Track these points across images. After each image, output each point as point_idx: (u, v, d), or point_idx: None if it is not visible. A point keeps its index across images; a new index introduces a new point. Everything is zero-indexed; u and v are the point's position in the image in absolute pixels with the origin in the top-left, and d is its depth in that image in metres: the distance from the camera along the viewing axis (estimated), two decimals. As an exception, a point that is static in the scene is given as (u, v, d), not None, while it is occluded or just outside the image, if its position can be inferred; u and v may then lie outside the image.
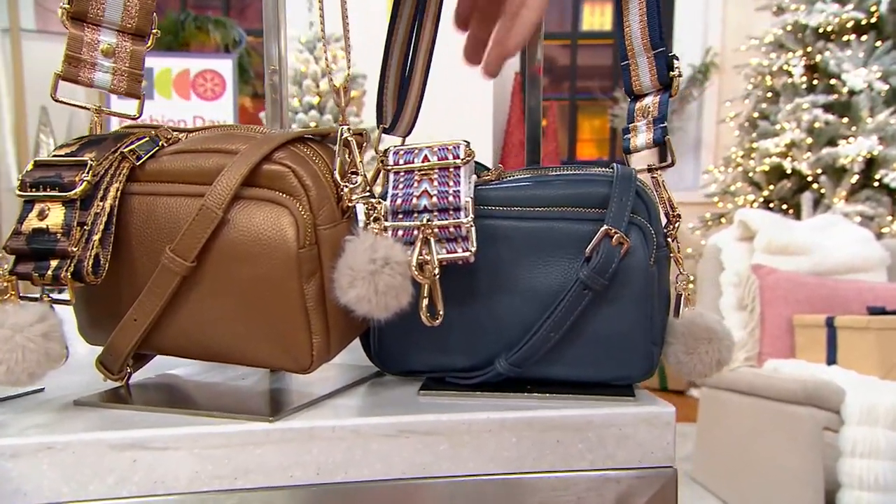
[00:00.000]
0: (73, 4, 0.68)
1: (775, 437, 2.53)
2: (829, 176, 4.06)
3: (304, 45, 3.91)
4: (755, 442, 2.61)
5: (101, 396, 0.65)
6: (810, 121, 4.04)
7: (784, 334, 2.79)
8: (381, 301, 0.59)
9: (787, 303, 2.82)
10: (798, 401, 2.45)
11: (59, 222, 0.60)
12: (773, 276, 2.85)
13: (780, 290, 2.83)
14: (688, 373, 0.70)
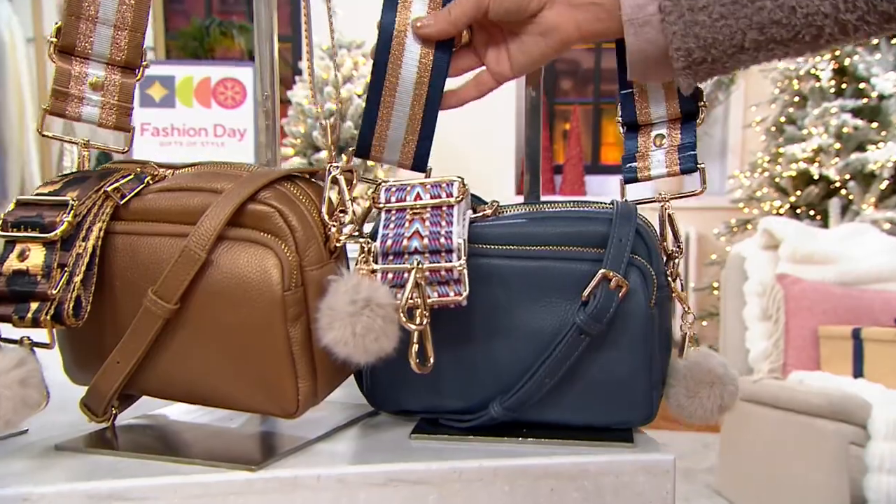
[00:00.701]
0: (61, 38, 0.67)
1: (800, 451, 2.48)
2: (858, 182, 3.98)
3: (325, 52, 3.90)
4: (780, 455, 2.57)
5: (84, 440, 0.63)
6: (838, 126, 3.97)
7: (809, 346, 2.74)
8: (359, 344, 0.57)
9: (812, 313, 2.76)
10: (823, 415, 2.40)
11: (39, 264, 0.59)
12: (798, 285, 2.80)
13: (805, 301, 2.77)
14: (688, 416, 0.67)
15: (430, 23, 0.66)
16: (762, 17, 0.58)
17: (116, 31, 0.68)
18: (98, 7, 0.67)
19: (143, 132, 3.39)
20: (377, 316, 0.57)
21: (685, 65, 0.60)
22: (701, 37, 0.59)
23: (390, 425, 0.69)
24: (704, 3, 0.58)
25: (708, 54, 0.60)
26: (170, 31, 5.14)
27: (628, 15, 0.61)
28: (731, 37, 0.59)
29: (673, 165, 0.69)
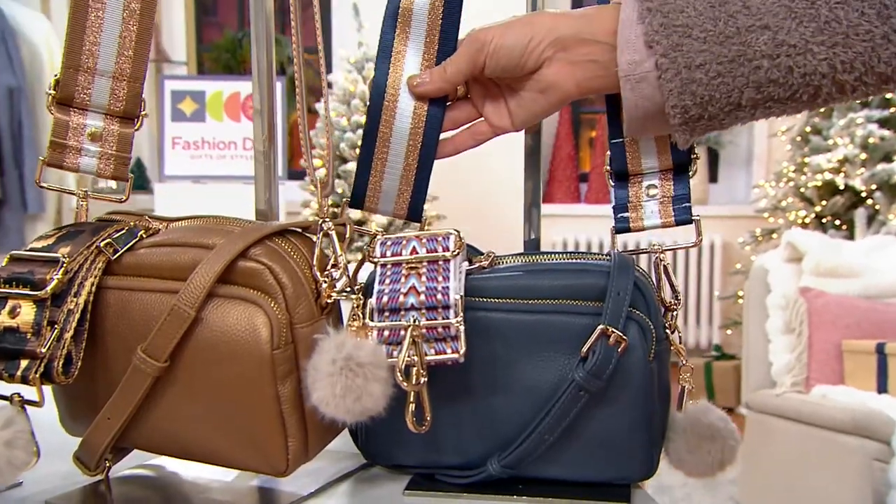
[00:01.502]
0: (60, 90, 0.66)
1: (823, 467, 2.43)
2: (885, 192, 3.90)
3: (352, 65, 3.89)
4: (802, 470, 2.51)
5: (74, 496, 0.62)
6: (864, 136, 3.89)
7: (832, 360, 2.68)
8: (340, 404, 0.55)
9: (836, 327, 2.70)
10: (847, 430, 2.35)
11: (29, 321, 0.58)
12: (821, 299, 2.74)
13: (828, 314, 2.71)
14: (688, 471, 0.64)
15: (425, 81, 0.65)
16: (759, 76, 0.56)
17: (115, 81, 0.67)
18: (97, 59, 0.66)
19: (174, 146, 3.40)
20: (356, 376, 0.55)
21: (682, 121, 0.58)
22: (698, 94, 0.57)
23: (384, 479, 0.67)
24: (701, 61, 0.56)
25: (705, 111, 0.57)
26: (203, 43, 5.18)
27: (625, 71, 0.58)
28: (727, 95, 0.56)
29: (668, 217, 0.67)
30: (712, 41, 0.56)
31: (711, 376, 4.25)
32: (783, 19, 0.54)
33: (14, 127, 3.26)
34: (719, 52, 0.56)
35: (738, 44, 0.55)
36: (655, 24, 0.57)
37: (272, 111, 0.76)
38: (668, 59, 0.56)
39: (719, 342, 4.72)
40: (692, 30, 0.56)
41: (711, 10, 0.56)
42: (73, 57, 0.65)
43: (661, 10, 0.57)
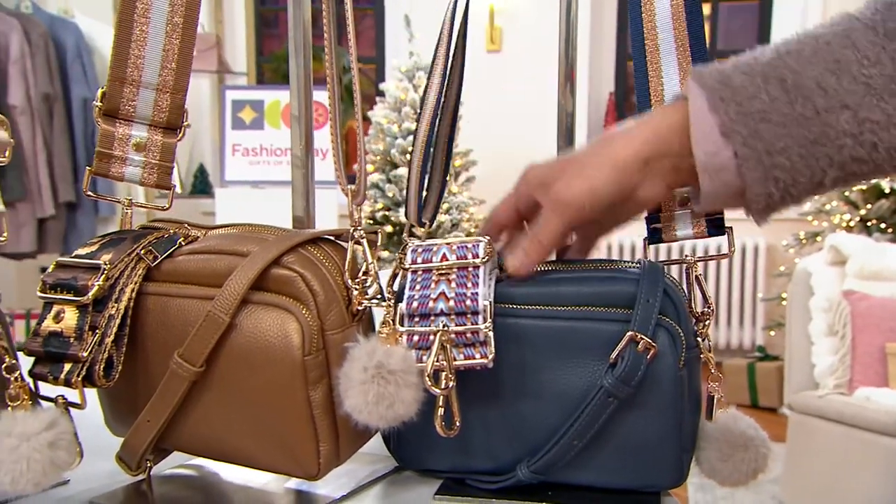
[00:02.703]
0: (106, 102, 0.66)
1: (866, 469, 2.35)
2: (930, 195, 3.78)
3: (403, 74, 3.89)
4: (845, 471, 2.44)
5: (118, 495, 0.62)
6: (910, 140, 3.77)
7: (876, 362, 2.60)
8: (374, 411, 0.54)
9: (879, 330, 2.62)
10: (889, 432, 2.27)
11: (72, 326, 0.58)
12: (865, 302, 2.66)
13: (872, 318, 2.63)
14: (722, 480, 0.62)
15: (524, 262, 0.61)
16: (843, 155, 0.52)
17: (159, 93, 0.66)
18: (141, 71, 0.66)
19: (234, 152, 3.44)
20: (388, 383, 0.54)
21: (764, 206, 0.55)
22: (781, 179, 0.53)
23: (415, 483, 0.65)
24: (782, 145, 0.52)
25: (787, 194, 0.54)
26: (264, 54, 5.23)
27: (703, 163, 0.55)
28: (811, 177, 0.53)
29: (700, 228, 0.64)
30: (792, 124, 0.52)
31: (755, 377, 4.16)
32: (863, 97, 0.51)
33: (88, 136, 3.33)
34: (799, 134, 0.52)
35: (818, 125, 0.52)
36: (731, 112, 0.53)
37: (310, 118, 0.75)
38: (749, 147, 0.53)
39: (763, 343, 4.62)
40: (769, 115, 0.53)
41: (786, 95, 0.53)
42: (119, 70, 0.65)
43: (735, 99, 0.53)
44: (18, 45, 3.19)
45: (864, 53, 0.52)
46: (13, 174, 3.14)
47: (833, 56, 0.53)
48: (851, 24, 0.54)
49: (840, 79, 0.52)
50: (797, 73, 0.53)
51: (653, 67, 0.65)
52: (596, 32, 4.86)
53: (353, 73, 0.63)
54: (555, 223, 0.60)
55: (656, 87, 0.65)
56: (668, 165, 0.58)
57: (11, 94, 3.18)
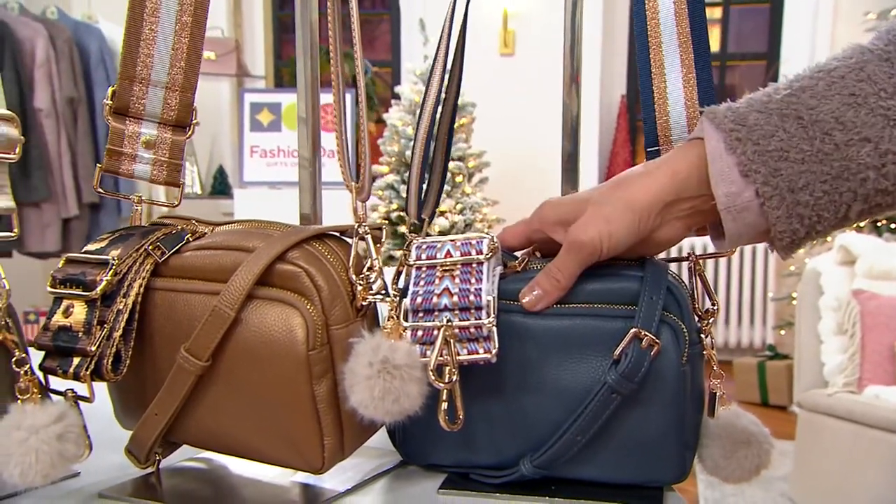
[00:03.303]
0: (116, 100, 0.65)
1: (874, 466, 2.32)
2: (940, 196, 3.73)
3: (418, 77, 3.89)
4: (854, 469, 2.41)
5: (127, 488, 0.61)
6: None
7: (885, 361, 2.56)
8: (379, 406, 0.53)
9: (889, 329, 2.58)
10: (898, 431, 2.25)
11: (81, 320, 0.57)
12: (874, 301, 2.63)
13: (881, 316, 2.60)
14: (725, 477, 0.60)
15: (540, 297, 0.59)
16: (867, 188, 0.51)
17: (168, 92, 0.66)
18: (150, 70, 0.65)
19: (252, 154, 3.45)
20: (393, 378, 0.53)
21: (789, 243, 0.54)
22: (805, 216, 0.52)
23: (420, 477, 0.64)
24: (804, 182, 0.51)
25: (812, 230, 0.53)
26: (282, 58, 5.24)
27: (724, 204, 0.54)
28: (835, 212, 0.52)
29: None
30: (812, 160, 0.51)
31: (765, 375, 4.12)
32: (882, 129, 0.50)
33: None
34: (821, 170, 0.51)
35: (839, 159, 0.51)
36: (749, 152, 0.52)
37: (317, 120, 0.75)
38: (770, 186, 0.52)
39: (773, 342, 4.58)
40: (788, 152, 0.51)
41: (804, 131, 0.51)
42: (129, 68, 0.65)
43: (751, 139, 0.52)
44: (44, 50, 3.21)
45: (881, 86, 0.51)
46: (38, 175, 3.16)
47: (848, 90, 0.51)
48: (864, 56, 0.53)
49: (858, 112, 0.51)
50: (813, 109, 0.52)
51: (656, 64, 0.63)
52: (608, 35, 4.84)
53: (358, 75, 0.62)
54: (571, 263, 0.59)
55: (659, 85, 0.64)
56: (688, 208, 0.57)
57: (37, 97, 3.20)
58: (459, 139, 3.81)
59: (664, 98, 0.64)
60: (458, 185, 3.72)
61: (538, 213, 0.63)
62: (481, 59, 4.67)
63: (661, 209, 0.57)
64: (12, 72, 3.11)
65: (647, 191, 0.57)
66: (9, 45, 3.12)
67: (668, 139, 0.64)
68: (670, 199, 0.56)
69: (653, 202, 0.56)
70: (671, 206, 0.57)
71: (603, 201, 0.58)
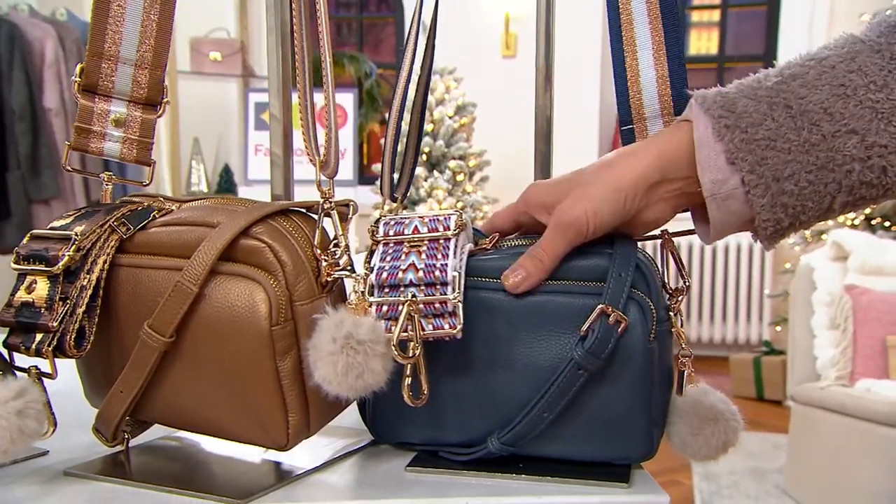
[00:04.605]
0: (84, 77, 0.63)
1: (867, 459, 2.29)
2: (933, 194, 3.69)
3: (420, 78, 3.87)
4: (846, 461, 2.38)
5: (93, 466, 0.59)
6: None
7: (877, 355, 2.54)
8: (343, 382, 0.51)
9: (881, 323, 2.55)
10: (890, 423, 2.21)
11: (43, 296, 0.55)
12: (866, 296, 2.60)
13: (873, 311, 2.57)
14: (692, 454, 0.58)
15: (524, 279, 0.57)
16: (851, 180, 0.50)
17: (137, 69, 0.64)
18: (119, 46, 0.63)
19: (256, 152, 3.44)
20: (357, 353, 0.51)
21: (773, 233, 0.52)
22: (790, 206, 0.51)
23: (389, 455, 0.62)
24: (790, 171, 0.50)
25: (796, 220, 0.52)
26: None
27: (709, 191, 0.52)
28: (819, 202, 0.51)
29: None
30: (798, 150, 0.50)
31: (761, 371, 4.09)
32: (870, 121, 0.49)
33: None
34: (807, 160, 0.50)
35: (825, 150, 0.50)
36: (736, 140, 0.51)
37: (289, 118, 0.73)
38: (756, 174, 0.50)
39: (769, 338, 4.55)
40: (775, 142, 0.50)
41: (792, 121, 0.50)
42: (97, 45, 0.63)
43: (739, 126, 0.51)
44: (53, 51, 3.20)
45: (871, 78, 0.50)
46: (48, 173, 3.15)
47: (839, 80, 0.50)
48: (856, 46, 0.51)
49: (847, 103, 0.49)
50: (803, 99, 0.50)
51: (627, 41, 0.61)
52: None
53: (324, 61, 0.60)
54: (556, 243, 0.57)
55: (631, 63, 0.62)
56: (674, 190, 0.55)
57: (46, 97, 3.19)
58: (461, 138, 3.79)
59: (636, 76, 0.62)
60: (459, 183, 3.70)
61: (524, 196, 0.61)
62: (483, 61, 4.66)
63: (646, 189, 0.55)
64: (22, 72, 3.10)
65: (633, 170, 0.55)
66: (19, 46, 3.11)
67: (642, 117, 0.62)
68: (656, 179, 0.55)
69: (638, 182, 0.55)
70: (657, 186, 0.55)
71: (588, 181, 0.57)
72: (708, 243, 0.58)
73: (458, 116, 3.91)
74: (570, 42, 3.91)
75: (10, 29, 3.10)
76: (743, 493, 2.81)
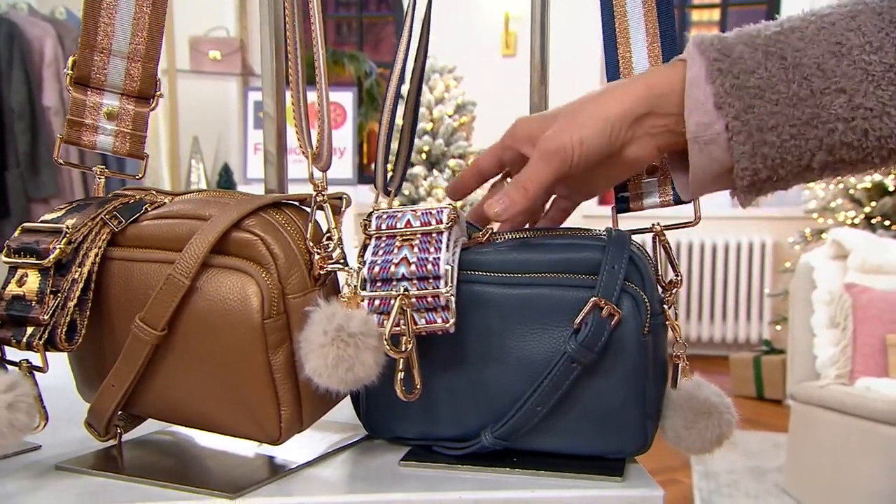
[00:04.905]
0: (76, 69, 0.63)
1: (866, 457, 2.29)
2: (933, 193, 3.69)
3: (419, 77, 3.87)
4: (846, 459, 2.37)
5: (86, 460, 0.59)
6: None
7: (877, 353, 2.53)
8: (333, 375, 0.51)
9: (881, 322, 2.55)
10: (890, 421, 2.21)
11: (34, 289, 0.55)
12: (866, 294, 2.59)
13: (873, 310, 2.56)
14: (687, 448, 0.58)
15: (507, 207, 0.57)
16: (833, 139, 0.49)
17: (130, 62, 0.64)
18: (111, 39, 0.63)
19: (255, 151, 3.43)
20: (348, 346, 0.51)
21: (750, 184, 0.52)
22: (769, 157, 0.50)
23: (383, 450, 0.62)
24: (774, 123, 0.50)
25: (774, 174, 0.51)
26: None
27: (693, 133, 0.52)
28: (799, 158, 0.50)
29: (666, 196, 0.61)
30: (785, 103, 0.50)
31: (761, 370, 4.09)
32: (860, 82, 0.49)
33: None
34: (792, 114, 0.50)
35: (812, 106, 0.49)
36: (727, 85, 0.50)
37: (282, 116, 0.73)
38: (740, 121, 0.50)
39: (769, 337, 4.54)
40: (764, 91, 0.50)
41: (784, 73, 0.50)
42: (89, 37, 0.62)
43: (732, 71, 0.50)
44: (52, 49, 3.19)
45: (868, 38, 0.49)
46: (47, 172, 3.15)
47: (836, 38, 0.50)
48: (859, 6, 0.51)
49: (840, 62, 0.49)
50: (798, 52, 0.50)
51: (621, 32, 0.61)
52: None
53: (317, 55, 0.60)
54: (541, 171, 0.56)
55: (624, 54, 0.61)
56: (660, 126, 0.54)
57: (46, 96, 3.19)
58: (460, 137, 3.79)
59: (630, 68, 0.62)
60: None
61: (510, 130, 0.61)
62: (483, 60, 4.65)
63: (632, 121, 0.54)
64: (21, 71, 3.10)
65: (621, 101, 0.55)
66: (18, 45, 3.11)
67: None
68: (643, 111, 0.54)
69: (626, 112, 0.54)
70: (643, 119, 0.54)
71: (576, 111, 0.56)
72: (686, 199, 0.58)
73: (458, 115, 3.91)
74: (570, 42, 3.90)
75: (10, 28, 3.10)
76: (742, 491, 2.81)
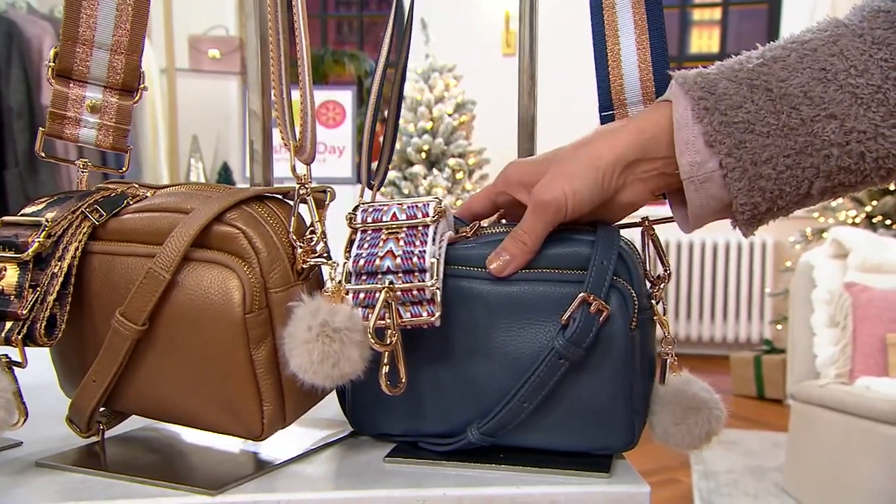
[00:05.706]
0: (59, 62, 0.62)
1: (866, 457, 2.28)
2: (934, 192, 3.67)
3: (419, 76, 3.86)
4: (845, 459, 2.36)
5: (68, 456, 0.58)
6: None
7: (877, 353, 2.52)
8: (319, 370, 0.50)
9: (881, 321, 2.54)
10: (889, 420, 2.20)
11: (13, 283, 0.54)
12: (866, 293, 2.58)
13: (873, 309, 2.55)
14: (675, 444, 0.57)
15: (508, 262, 0.55)
16: (829, 165, 0.49)
17: (113, 54, 0.63)
18: (94, 31, 0.62)
19: (254, 150, 3.43)
20: (333, 341, 0.50)
21: (750, 217, 0.51)
22: (767, 190, 0.50)
23: (368, 447, 0.61)
24: (768, 155, 0.49)
25: (774, 205, 0.51)
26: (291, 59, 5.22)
27: (687, 173, 0.51)
28: (797, 187, 0.50)
29: None
30: (776, 134, 0.49)
31: (761, 369, 4.08)
32: (849, 106, 0.48)
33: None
34: (785, 144, 0.49)
35: (804, 134, 0.49)
36: (715, 123, 0.50)
37: (268, 114, 0.72)
38: (734, 157, 0.50)
39: (770, 337, 4.53)
40: (754, 125, 0.49)
41: (771, 104, 0.49)
42: (71, 29, 0.62)
43: (718, 108, 0.50)
44: (51, 48, 3.19)
45: (852, 62, 0.49)
46: (46, 171, 3.15)
47: (820, 64, 0.49)
48: (839, 30, 0.50)
49: (827, 88, 0.49)
50: (783, 82, 0.50)
51: (609, 25, 0.60)
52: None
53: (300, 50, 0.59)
54: (537, 224, 0.56)
55: (613, 48, 0.60)
56: (652, 170, 0.54)
57: (44, 94, 3.18)
58: (460, 136, 3.78)
59: (618, 60, 0.61)
60: (458, 181, 3.69)
61: (502, 175, 0.60)
62: (483, 59, 4.64)
63: (624, 168, 0.54)
64: (20, 69, 3.10)
65: (612, 148, 0.54)
66: (17, 44, 3.10)
67: (623, 102, 0.61)
68: (634, 157, 0.54)
69: (617, 160, 0.54)
70: (635, 165, 0.54)
71: (566, 159, 0.56)
72: (687, 231, 0.57)
73: (458, 114, 3.91)
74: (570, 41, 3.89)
75: (8, 26, 3.09)
76: (742, 491, 2.80)
